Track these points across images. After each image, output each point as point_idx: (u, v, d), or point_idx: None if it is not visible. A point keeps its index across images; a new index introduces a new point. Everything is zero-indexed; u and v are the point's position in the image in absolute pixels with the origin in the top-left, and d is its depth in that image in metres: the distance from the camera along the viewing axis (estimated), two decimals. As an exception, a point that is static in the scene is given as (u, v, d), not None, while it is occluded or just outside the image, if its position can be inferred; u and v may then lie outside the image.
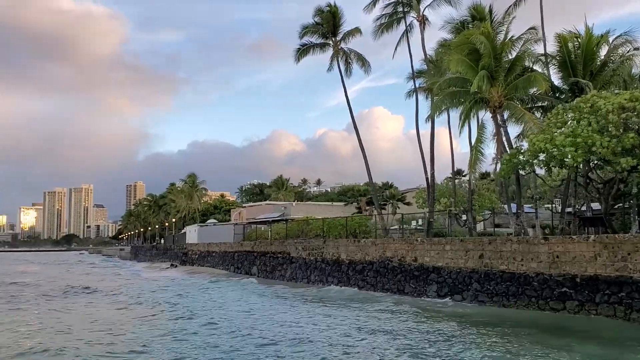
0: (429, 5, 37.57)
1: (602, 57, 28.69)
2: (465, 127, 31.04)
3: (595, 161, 24.46)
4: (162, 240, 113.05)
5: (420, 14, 37.51)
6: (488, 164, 38.53)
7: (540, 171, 29.46)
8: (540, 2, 31.60)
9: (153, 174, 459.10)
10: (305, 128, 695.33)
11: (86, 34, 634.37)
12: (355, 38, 42.72)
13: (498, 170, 28.48)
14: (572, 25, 30.46)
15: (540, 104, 30.93)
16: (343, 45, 42.88)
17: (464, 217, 36.03)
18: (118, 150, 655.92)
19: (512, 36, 29.29)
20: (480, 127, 29.62)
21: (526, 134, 27.02)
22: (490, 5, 33.99)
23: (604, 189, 25.66)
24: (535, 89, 29.19)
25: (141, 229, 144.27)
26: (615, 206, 26.84)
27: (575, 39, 28.83)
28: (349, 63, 43.10)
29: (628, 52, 28.62)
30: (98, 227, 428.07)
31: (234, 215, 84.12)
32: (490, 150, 29.36)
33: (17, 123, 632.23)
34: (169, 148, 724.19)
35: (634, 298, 19.43)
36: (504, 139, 28.93)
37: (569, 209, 30.30)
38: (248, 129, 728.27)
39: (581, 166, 25.00)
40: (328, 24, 42.19)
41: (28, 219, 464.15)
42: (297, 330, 19.79)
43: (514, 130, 29.95)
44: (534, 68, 30.27)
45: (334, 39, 42.70)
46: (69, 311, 27.12)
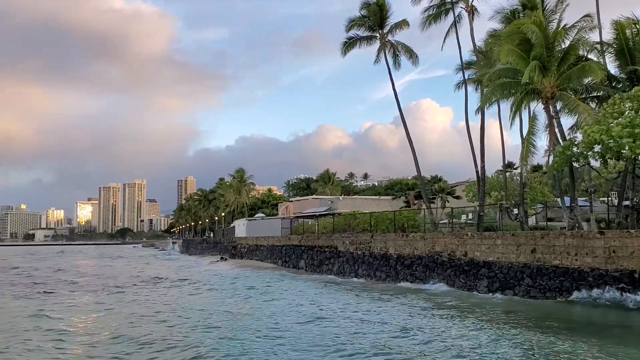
0: (478, -6, 36.91)
1: (663, 44, 27.53)
2: (516, 119, 30.43)
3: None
4: (212, 234, 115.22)
5: (469, 4, 36.95)
6: (540, 157, 37.46)
7: (595, 163, 28.56)
8: (596, -12, 30.54)
9: (202, 169, 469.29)
10: (351, 122, 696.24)
11: (136, 32, 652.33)
12: (402, 30, 42.40)
13: (551, 162, 27.79)
14: (630, 11, 29.37)
15: (595, 94, 29.93)
16: (390, 37, 42.61)
17: (515, 211, 35.34)
18: (169, 146, 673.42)
19: (566, 24, 28.44)
20: (532, 119, 28.89)
21: (580, 125, 26.24)
22: (542, -7, 33.05)
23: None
24: (590, 79, 28.20)
25: (192, 223, 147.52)
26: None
27: (633, 26, 27.78)
28: (397, 55, 42.78)
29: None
30: (151, 221, 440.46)
31: (281, 209, 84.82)
32: (542, 142, 28.63)
33: (73, 122, 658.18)
34: (217, 144, 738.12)
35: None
36: (557, 130, 28.15)
37: (627, 202, 29.25)
38: (294, 124, 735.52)
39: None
40: (375, 17, 41.99)
41: (84, 213, 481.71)
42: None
43: (567, 121, 29.05)
44: (589, 57, 29.28)
45: (380, 32, 42.45)
46: (183, 295, 30.77)
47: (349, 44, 43.21)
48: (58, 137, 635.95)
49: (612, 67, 28.95)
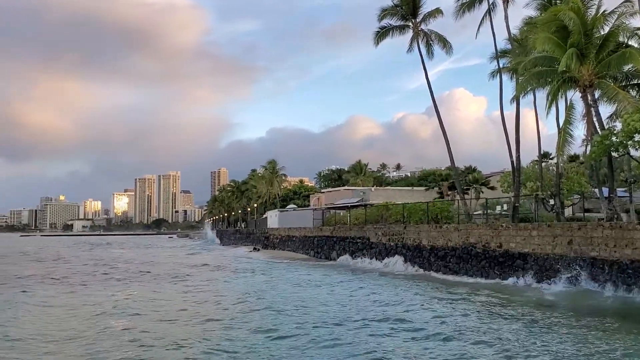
0: (513, -18, 36.16)
1: None
2: (553, 108, 29.72)
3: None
4: (245, 225, 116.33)
5: (504, -9, 36.15)
6: (577, 146, 36.68)
7: (636, 153, 27.85)
8: (636, -27, 29.58)
9: (235, 160, 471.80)
10: (382, 112, 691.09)
11: (169, 25, 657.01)
12: (435, 19, 41.78)
13: (588, 152, 27.18)
14: (673, -5, 28.29)
15: (635, 82, 29.14)
16: (423, 26, 42.05)
17: (552, 202, 34.71)
18: (202, 138, 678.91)
19: (605, 10, 27.61)
20: (569, 108, 28.25)
21: (620, 113, 25.59)
22: (580, -21, 32.21)
23: None
24: (630, 66, 27.45)
25: (225, 214, 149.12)
26: None
27: (675, 11, 26.84)
28: (430, 44, 42.22)
29: None
30: (185, 212, 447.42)
31: (313, 200, 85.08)
32: (579, 131, 28.09)
33: (108, 114, 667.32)
34: (249, 135, 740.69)
35: None
36: (595, 119, 27.49)
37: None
38: (325, 115, 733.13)
39: (682, 147, 23.43)
40: (407, 6, 41.51)
41: (121, 204, 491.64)
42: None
43: (605, 110, 28.33)
44: (629, 43, 28.44)
45: (413, 21, 41.97)
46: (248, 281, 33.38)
47: (381, 34, 42.83)
48: (94, 130, 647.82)
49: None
